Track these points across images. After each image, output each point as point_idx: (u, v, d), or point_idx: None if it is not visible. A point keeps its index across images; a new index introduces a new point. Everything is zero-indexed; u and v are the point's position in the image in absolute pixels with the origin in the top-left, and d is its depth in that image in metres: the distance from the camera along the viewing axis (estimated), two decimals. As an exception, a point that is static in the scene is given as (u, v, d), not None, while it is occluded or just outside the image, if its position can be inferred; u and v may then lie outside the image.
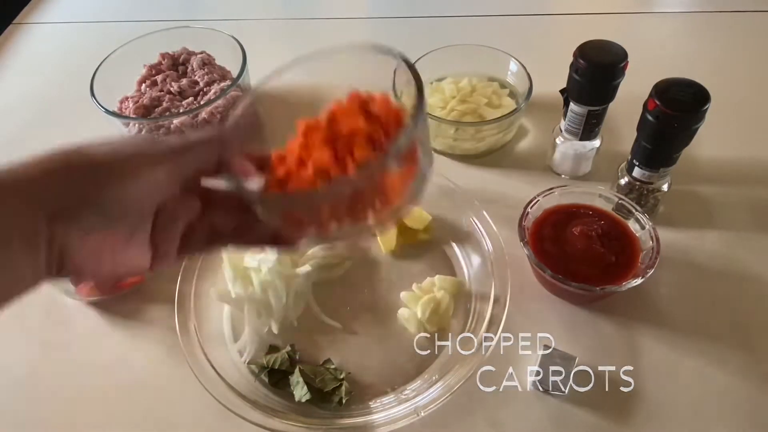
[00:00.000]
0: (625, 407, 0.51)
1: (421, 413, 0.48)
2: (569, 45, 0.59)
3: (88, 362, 0.58)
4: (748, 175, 0.68)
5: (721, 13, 0.94)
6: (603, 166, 0.68)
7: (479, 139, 0.70)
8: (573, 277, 0.53)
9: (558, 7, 1.01)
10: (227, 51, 0.79)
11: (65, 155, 0.30)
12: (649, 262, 0.53)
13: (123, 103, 0.76)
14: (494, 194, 0.67)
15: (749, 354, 0.53)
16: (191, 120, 0.71)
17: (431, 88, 0.76)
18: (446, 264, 0.62)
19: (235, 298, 0.57)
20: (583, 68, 0.57)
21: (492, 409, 0.51)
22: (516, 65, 0.74)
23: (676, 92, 0.52)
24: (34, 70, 0.95)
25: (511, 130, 0.72)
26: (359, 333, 0.57)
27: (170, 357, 0.56)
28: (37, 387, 0.56)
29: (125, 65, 0.78)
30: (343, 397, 0.52)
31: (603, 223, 0.57)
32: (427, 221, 0.63)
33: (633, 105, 0.57)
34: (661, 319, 0.56)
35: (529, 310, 0.57)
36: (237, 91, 0.74)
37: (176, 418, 0.53)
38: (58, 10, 1.08)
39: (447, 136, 0.71)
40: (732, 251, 0.61)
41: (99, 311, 0.61)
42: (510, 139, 0.74)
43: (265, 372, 0.54)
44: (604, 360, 0.53)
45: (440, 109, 0.73)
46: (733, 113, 0.73)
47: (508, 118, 0.68)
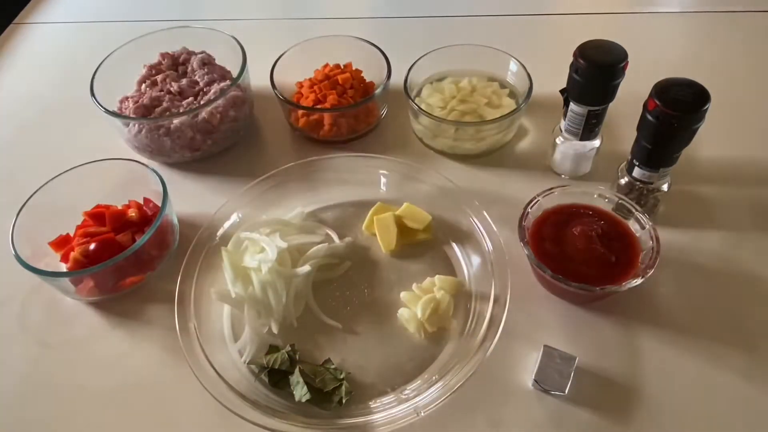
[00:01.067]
0: (625, 407, 0.51)
1: (421, 413, 0.48)
2: (569, 45, 0.59)
3: (88, 362, 0.58)
4: (748, 175, 0.68)
5: (721, 13, 0.94)
6: (603, 166, 0.68)
7: (479, 139, 0.70)
8: (573, 277, 0.53)
9: (558, 7, 1.01)
10: (227, 51, 0.79)
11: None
12: (649, 262, 0.53)
13: (123, 103, 0.76)
14: (494, 194, 0.68)
15: (749, 354, 0.53)
16: (191, 120, 0.71)
17: (431, 88, 0.76)
18: (446, 264, 0.62)
19: (235, 298, 0.57)
20: (583, 68, 0.57)
21: (492, 409, 0.51)
22: (516, 65, 0.74)
23: (676, 92, 0.52)
24: (34, 70, 0.95)
25: (511, 130, 0.72)
26: (359, 333, 0.57)
27: (170, 357, 0.56)
28: (37, 387, 0.56)
29: (125, 65, 0.78)
30: (343, 397, 0.52)
31: (603, 223, 0.57)
32: (427, 221, 0.63)
33: (633, 105, 0.57)
34: (661, 319, 0.56)
35: (529, 310, 0.57)
36: (237, 91, 0.74)
37: (176, 418, 0.53)
38: (58, 10, 1.08)
39: (447, 136, 0.71)
40: (732, 251, 0.61)
41: (99, 311, 0.61)
42: (510, 139, 0.74)
43: (265, 372, 0.54)
44: (604, 360, 0.53)
45: (440, 109, 0.73)
46: (733, 113, 0.73)
47: (508, 118, 0.68)
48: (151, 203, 0.65)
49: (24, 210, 0.61)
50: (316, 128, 0.74)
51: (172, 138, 0.71)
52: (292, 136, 0.79)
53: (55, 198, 0.64)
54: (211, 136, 0.73)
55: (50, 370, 0.58)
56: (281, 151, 0.77)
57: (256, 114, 0.82)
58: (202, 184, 0.74)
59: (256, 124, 0.81)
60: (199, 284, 0.58)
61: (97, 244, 0.60)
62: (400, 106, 0.78)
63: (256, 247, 0.60)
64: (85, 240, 0.61)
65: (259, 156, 0.77)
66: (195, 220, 0.68)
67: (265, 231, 0.62)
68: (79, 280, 0.59)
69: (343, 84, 0.75)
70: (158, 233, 0.60)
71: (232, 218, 0.64)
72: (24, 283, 0.63)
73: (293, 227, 0.64)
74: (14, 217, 0.60)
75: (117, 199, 0.66)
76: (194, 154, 0.74)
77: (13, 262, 0.57)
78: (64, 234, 0.63)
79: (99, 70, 0.75)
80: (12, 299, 0.63)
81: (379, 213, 0.65)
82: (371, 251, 0.64)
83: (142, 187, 0.66)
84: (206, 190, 0.73)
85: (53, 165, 0.66)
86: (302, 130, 0.75)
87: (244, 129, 0.78)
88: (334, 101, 0.73)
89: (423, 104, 0.73)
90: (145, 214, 0.65)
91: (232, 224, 0.64)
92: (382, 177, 0.68)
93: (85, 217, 0.65)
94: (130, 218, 0.64)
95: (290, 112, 0.75)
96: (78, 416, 0.54)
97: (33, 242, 0.61)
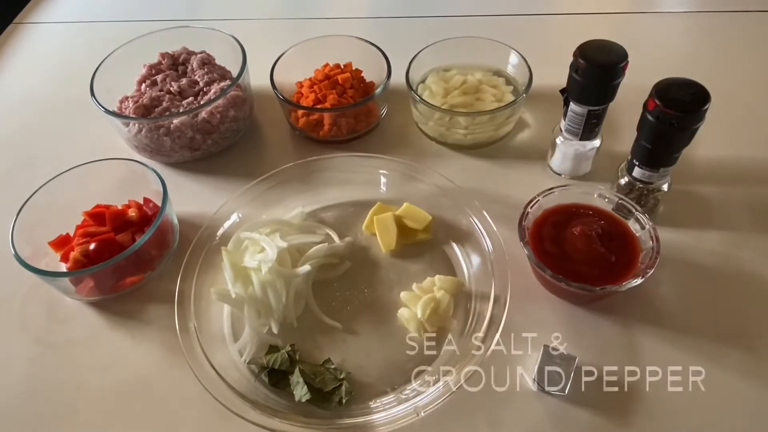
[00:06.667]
0: (625, 407, 0.51)
1: (421, 413, 0.48)
2: (569, 45, 0.59)
3: (88, 362, 0.58)
4: (748, 175, 0.68)
5: (721, 13, 0.94)
6: (603, 165, 0.68)
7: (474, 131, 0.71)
8: (573, 277, 0.53)
9: (558, 6, 1.01)
10: (227, 51, 0.79)
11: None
12: (649, 262, 0.53)
13: (123, 103, 0.76)
14: (494, 194, 0.67)
15: (749, 354, 0.53)
16: (191, 120, 0.71)
17: (436, 76, 0.77)
18: (446, 264, 0.62)
19: (235, 298, 0.57)
20: (583, 68, 0.57)
21: (492, 409, 0.51)
22: (517, 57, 0.75)
23: (676, 92, 0.52)
24: (34, 70, 0.95)
25: (509, 123, 0.73)
26: (359, 333, 0.57)
27: (170, 357, 0.56)
28: (37, 387, 0.56)
29: (125, 65, 0.78)
30: (343, 397, 0.52)
31: (603, 223, 0.57)
32: (427, 221, 0.63)
33: (633, 105, 0.57)
34: (661, 319, 0.56)
35: (529, 310, 0.57)
36: (237, 91, 0.74)
37: (176, 418, 0.53)
38: (58, 10, 1.08)
39: (441, 123, 0.71)
40: (732, 251, 0.61)
41: (99, 311, 0.61)
42: (509, 131, 0.74)
43: (265, 372, 0.54)
44: (604, 360, 0.53)
45: (440, 97, 0.74)
46: (733, 113, 0.73)
47: (507, 109, 0.69)
48: (151, 203, 0.65)
49: (24, 210, 0.61)
50: (316, 128, 0.74)
51: (172, 138, 0.71)
52: (292, 136, 0.79)
53: (55, 198, 0.64)
54: (211, 136, 0.73)
55: (50, 370, 0.57)
56: (281, 151, 0.77)
57: (256, 114, 0.81)
58: (202, 184, 0.74)
59: (256, 124, 0.81)
60: (199, 284, 0.58)
61: (97, 244, 0.60)
62: (400, 106, 0.78)
63: (256, 247, 0.60)
64: (85, 240, 0.61)
65: (259, 156, 0.77)
66: (195, 220, 0.68)
67: (265, 231, 0.62)
68: (79, 280, 0.59)
69: (343, 84, 0.75)
70: (158, 233, 0.60)
71: (232, 218, 0.64)
72: (24, 283, 0.63)
73: (293, 227, 0.64)
74: (14, 217, 0.60)
75: (117, 199, 0.66)
76: (194, 154, 0.74)
77: (13, 262, 0.57)
78: (64, 234, 0.63)
79: (99, 70, 0.75)
80: (12, 299, 0.63)
81: (379, 213, 0.65)
82: (371, 251, 0.64)
83: (142, 187, 0.66)
84: (206, 190, 0.73)
85: (53, 165, 0.66)
86: (302, 130, 0.75)
87: (244, 129, 0.78)
88: (334, 101, 0.73)
89: (426, 91, 0.75)
90: (145, 214, 0.65)
91: (232, 224, 0.64)
92: (382, 177, 0.68)
93: (85, 217, 0.65)
94: (130, 218, 0.64)
95: (290, 112, 0.75)
96: (78, 416, 0.54)
97: (33, 242, 0.61)
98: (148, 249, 0.60)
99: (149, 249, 0.61)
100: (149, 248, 0.61)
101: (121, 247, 0.60)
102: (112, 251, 0.59)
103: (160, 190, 0.62)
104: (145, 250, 0.59)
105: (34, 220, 0.61)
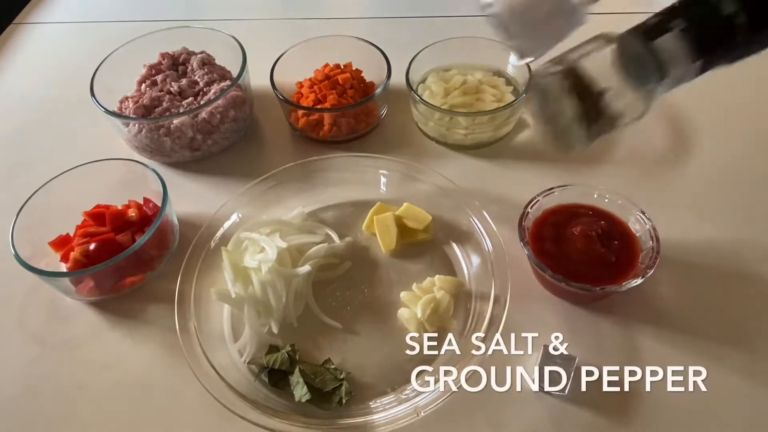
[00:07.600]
0: (625, 407, 0.51)
1: (421, 413, 0.48)
2: (569, 44, 0.59)
3: (88, 362, 0.58)
4: (748, 175, 0.68)
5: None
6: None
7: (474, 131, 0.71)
8: (573, 277, 0.53)
9: (558, 7, 1.01)
10: (227, 51, 0.79)
11: None
12: (649, 262, 0.53)
13: (123, 103, 0.76)
14: (494, 194, 0.67)
15: (749, 354, 0.53)
16: (191, 120, 0.71)
17: (436, 76, 0.77)
18: (446, 264, 0.62)
19: (235, 298, 0.57)
20: (583, 68, 0.57)
21: (492, 409, 0.51)
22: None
23: None
24: (34, 70, 0.95)
25: (509, 123, 0.73)
26: (359, 333, 0.57)
27: (170, 357, 0.56)
28: (37, 386, 0.56)
29: (125, 65, 0.78)
30: (343, 397, 0.52)
31: (603, 223, 0.57)
32: (427, 221, 0.63)
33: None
34: (661, 319, 0.56)
35: (529, 310, 0.57)
36: (237, 91, 0.74)
37: (176, 418, 0.53)
38: (58, 10, 1.08)
39: (441, 124, 0.71)
40: (732, 251, 0.61)
41: (99, 311, 0.61)
42: (509, 131, 0.74)
43: (265, 372, 0.54)
44: (604, 360, 0.53)
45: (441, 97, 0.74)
46: (733, 114, 0.73)
47: (507, 109, 0.69)
48: (151, 203, 0.65)
49: (24, 210, 0.61)
50: (316, 128, 0.74)
51: (172, 138, 0.71)
52: (292, 136, 0.79)
53: (55, 198, 0.64)
54: (211, 136, 0.73)
55: (50, 370, 0.57)
56: (281, 151, 0.77)
57: (256, 114, 0.81)
58: (202, 184, 0.74)
59: (256, 124, 0.81)
60: (199, 284, 0.58)
61: (97, 244, 0.60)
62: (400, 107, 0.78)
63: (256, 247, 0.60)
64: (85, 240, 0.61)
65: (259, 156, 0.77)
66: (195, 220, 0.68)
67: (265, 231, 0.62)
68: (79, 280, 0.59)
69: (343, 84, 0.75)
70: (158, 233, 0.60)
71: (232, 218, 0.64)
72: (24, 283, 0.63)
73: (293, 227, 0.64)
74: (14, 217, 0.60)
75: (117, 199, 0.66)
76: (194, 154, 0.74)
77: (13, 262, 0.57)
78: (64, 234, 0.63)
79: (99, 70, 0.75)
80: (12, 299, 0.63)
81: (379, 213, 0.65)
82: (371, 251, 0.64)
83: (142, 187, 0.66)
84: (206, 190, 0.73)
85: (53, 165, 0.66)
86: (302, 130, 0.75)
87: (244, 129, 0.78)
88: (334, 101, 0.73)
89: (426, 91, 0.75)
90: (145, 214, 0.65)
91: (232, 224, 0.64)
92: (382, 177, 0.68)
93: (85, 217, 0.65)
94: (130, 218, 0.64)
95: (290, 112, 0.75)
96: (78, 416, 0.54)
97: (33, 242, 0.61)
98: (148, 249, 0.60)
99: (149, 249, 0.61)
100: (149, 248, 0.61)
101: (121, 247, 0.60)
102: (112, 251, 0.59)
103: (160, 190, 0.62)
104: (145, 250, 0.59)
105: (34, 220, 0.61)
